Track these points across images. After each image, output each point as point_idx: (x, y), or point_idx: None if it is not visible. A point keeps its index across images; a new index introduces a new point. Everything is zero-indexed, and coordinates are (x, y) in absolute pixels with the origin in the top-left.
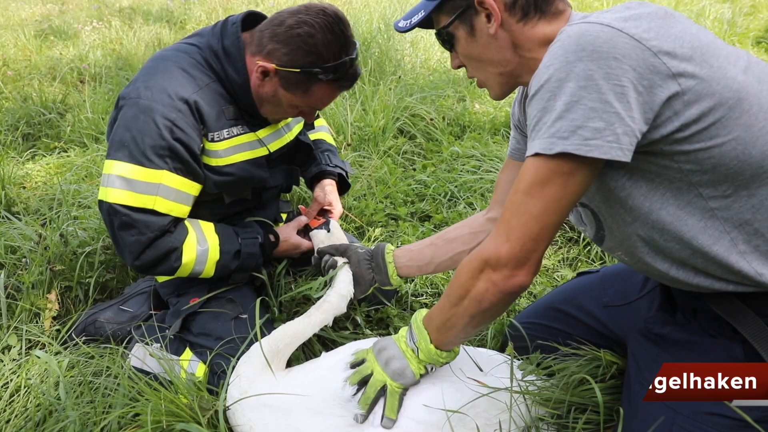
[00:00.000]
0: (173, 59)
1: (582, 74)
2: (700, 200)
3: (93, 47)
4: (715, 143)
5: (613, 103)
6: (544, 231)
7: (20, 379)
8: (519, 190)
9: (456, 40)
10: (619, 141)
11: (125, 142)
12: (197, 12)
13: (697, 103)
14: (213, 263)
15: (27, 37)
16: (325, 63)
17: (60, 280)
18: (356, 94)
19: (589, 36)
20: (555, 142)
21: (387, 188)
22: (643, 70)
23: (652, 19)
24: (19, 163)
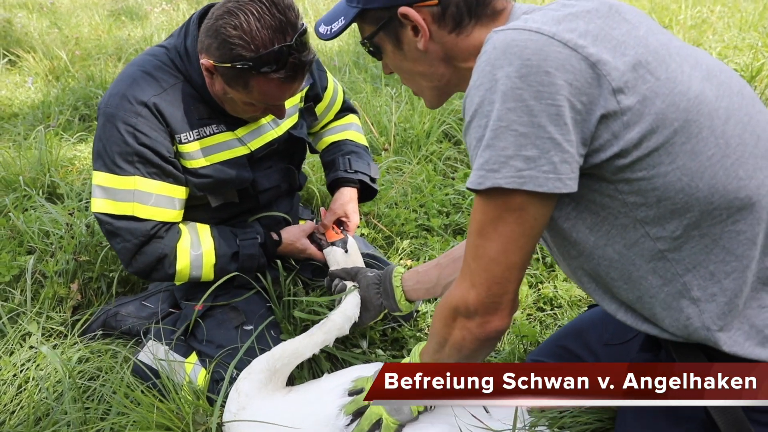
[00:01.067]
0: (139, 63)
1: (510, 94)
2: (647, 240)
3: (159, 29)
4: (658, 172)
5: (546, 127)
6: (509, 272)
7: (30, 372)
8: (472, 231)
9: (383, 52)
10: (557, 170)
11: (99, 151)
12: None
13: (637, 125)
14: (210, 267)
15: (101, 16)
16: (254, 54)
17: (84, 270)
18: (403, 94)
19: (516, 47)
20: (485, 176)
21: (422, 196)
22: (581, 84)
23: (591, 19)
24: (70, 145)
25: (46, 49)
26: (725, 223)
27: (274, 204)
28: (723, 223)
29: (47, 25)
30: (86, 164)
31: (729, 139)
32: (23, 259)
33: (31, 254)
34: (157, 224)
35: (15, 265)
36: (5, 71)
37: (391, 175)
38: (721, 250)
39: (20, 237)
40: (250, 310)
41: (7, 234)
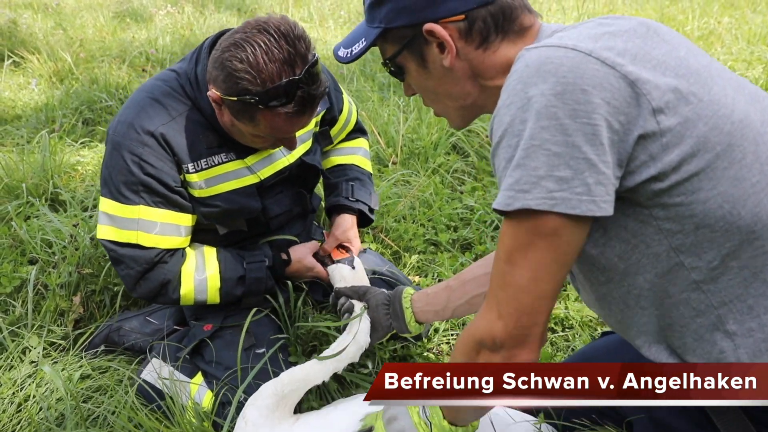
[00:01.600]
0: (148, 90)
1: (544, 112)
2: (682, 270)
3: (163, 32)
4: (698, 198)
5: (582, 147)
6: (539, 302)
7: (30, 389)
8: (500, 258)
9: (406, 72)
10: (591, 192)
11: (105, 178)
12: (269, 2)
13: (677, 147)
14: (215, 291)
15: (105, 18)
16: (262, 88)
17: (86, 283)
18: (411, 104)
19: (551, 64)
20: (514, 197)
21: (430, 211)
22: (619, 103)
23: (629, 38)
24: (73, 150)
25: (50, 51)
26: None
27: (286, 227)
28: (765, 255)
29: (52, 26)
30: (89, 170)
31: None
32: (24, 269)
33: (33, 264)
34: (162, 251)
35: (16, 276)
36: (9, 72)
37: (399, 188)
38: (761, 284)
39: (22, 246)
40: (259, 332)
41: (8, 243)
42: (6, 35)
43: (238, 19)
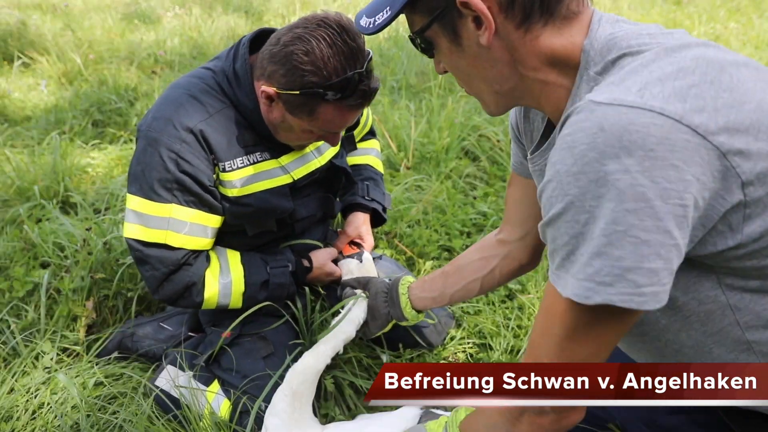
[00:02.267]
0: (185, 86)
1: (630, 192)
2: (736, 329)
3: (172, 34)
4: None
5: (672, 232)
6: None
7: (44, 397)
8: (556, 333)
9: (436, 48)
10: (671, 281)
11: (137, 175)
12: (276, 4)
13: (760, 218)
14: (238, 295)
15: (114, 19)
16: (327, 81)
17: (99, 288)
18: (422, 108)
19: (636, 133)
20: (594, 289)
21: (444, 216)
22: (707, 179)
23: (716, 90)
24: (84, 152)
25: (59, 52)
26: None
27: (307, 232)
28: None
29: (60, 27)
30: (99, 173)
31: None
32: (37, 273)
33: (45, 268)
34: (188, 253)
35: (29, 280)
36: (18, 73)
37: (411, 193)
38: None
39: (34, 250)
40: (278, 341)
41: (20, 246)
42: (15, 36)
43: (245, 21)
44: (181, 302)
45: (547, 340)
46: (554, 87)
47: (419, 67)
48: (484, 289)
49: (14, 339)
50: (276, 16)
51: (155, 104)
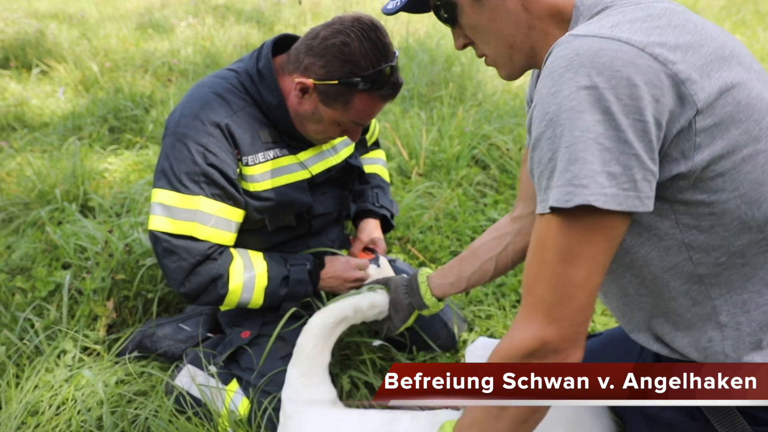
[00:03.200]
0: (209, 85)
1: (597, 104)
2: (688, 264)
3: (185, 43)
4: (719, 198)
5: (632, 143)
6: (591, 297)
7: (68, 393)
8: (549, 259)
9: (459, 10)
10: (638, 189)
11: (165, 170)
12: (287, 15)
13: (708, 148)
14: (261, 290)
15: (128, 28)
16: (364, 71)
17: (120, 288)
18: (433, 117)
19: (606, 56)
20: (573, 192)
21: (455, 223)
22: (667, 100)
23: (680, 33)
24: (101, 157)
25: (76, 60)
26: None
27: (324, 231)
28: (767, 254)
29: (77, 36)
30: (117, 177)
31: None
32: (59, 274)
33: (66, 269)
34: (213, 246)
35: (51, 280)
36: (36, 80)
37: (423, 200)
38: (759, 280)
39: (55, 252)
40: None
41: (42, 247)
42: (33, 45)
43: (257, 31)
44: (204, 297)
45: (542, 271)
46: (552, 39)
47: (429, 77)
48: (499, 268)
49: (37, 338)
50: (287, 26)
51: (182, 102)
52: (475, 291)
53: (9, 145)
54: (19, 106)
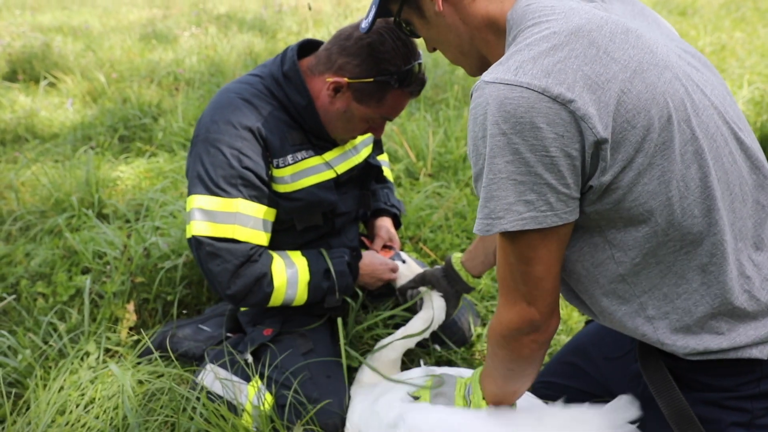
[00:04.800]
0: (236, 91)
1: (507, 148)
2: (611, 263)
3: (189, 53)
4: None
5: (543, 175)
6: (556, 280)
7: (95, 392)
8: (512, 263)
9: (414, 26)
10: (554, 208)
11: (201, 176)
12: (288, 22)
13: (611, 169)
14: (305, 285)
15: (132, 40)
16: (397, 69)
17: (139, 291)
18: (439, 119)
19: (510, 105)
20: (491, 224)
21: (465, 222)
22: (571, 134)
23: (581, 63)
24: (113, 166)
25: (83, 71)
26: (678, 252)
27: (344, 230)
28: (676, 253)
29: (82, 48)
30: (129, 185)
31: (689, 182)
32: (78, 279)
33: (86, 274)
34: (254, 247)
35: (72, 284)
36: (44, 92)
37: (432, 200)
38: (673, 275)
39: (74, 257)
40: (317, 339)
41: (60, 254)
42: (40, 58)
43: (260, 40)
44: (250, 297)
45: (510, 270)
46: (494, 47)
47: (434, 81)
48: None
49: (61, 341)
50: (290, 33)
51: (209, 109)
52: (487, 287)
53: (22, 156)
54: (29, 118)
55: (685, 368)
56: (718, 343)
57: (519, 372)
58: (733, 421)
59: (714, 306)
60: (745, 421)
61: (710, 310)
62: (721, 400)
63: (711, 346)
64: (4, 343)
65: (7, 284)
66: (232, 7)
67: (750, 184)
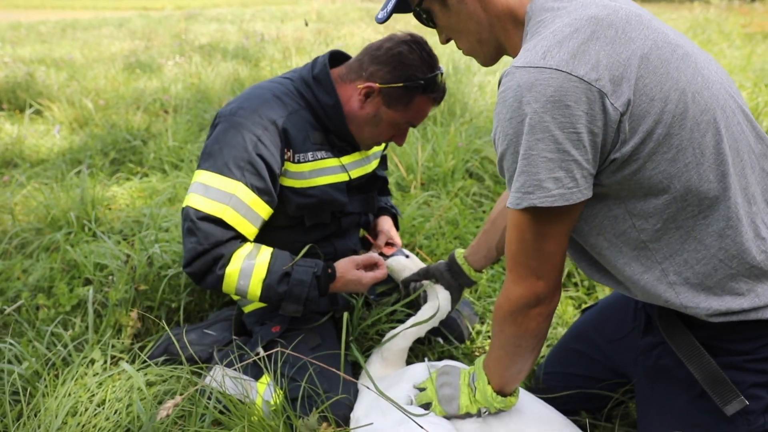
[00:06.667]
0: (268, 87)
1: (538, 126)
2: (633, 231)
3: (174, 81)
4: (644, 175)
5: (570, 152)
6: (563, 256)
7: (105, 393)
8: (528, 239)
9: (434, 15)
10: (579, 185)
11: (213, 152)
12: (271, 51)
13: (632, 140)
14: (259, 280)
15: (116, 70)
16: (424, 75)
17: (143, 299)
18: (427, 134)
19: (540, 86)
20: (522, 198)
21: (457, 229)
22: (596, 112)
23: (601, 45)
24: (106, 186)
25: (68, 99)
26: (697, 218)
27: (348, 234)
28: (695, 218)
29: (65, 78)
30: (123, 204)
31: (704, 149)
32: (80, 290)
33: (87, 286)
34: (233, 235)
35: (74, 295)
36: (30, 120)
37: (425, 209)
38: (693, 240)
39: (73, 271)
40: (324, 334)
41: (60, 267)
42: (24, 87)
43: (244, 67)
44: (208, 277)
45: (523, 246)
46: (512, 35)
47: None
48: None
49: (65, 349)
50: (273, 61)
51: (239, 97)
52: (484, 287)
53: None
54: (16, 144)
55: (706, 336)
56: (739, 304)
57: (526, 348)
58: (753, 382)
59: (733, 267)
60: (764, 382)
61: (729, 271)
62: (742, 363)
63: (732, 306)
64: (8, 351)
65: (7, 298)
66: (214, 38)
67: (756, 153)
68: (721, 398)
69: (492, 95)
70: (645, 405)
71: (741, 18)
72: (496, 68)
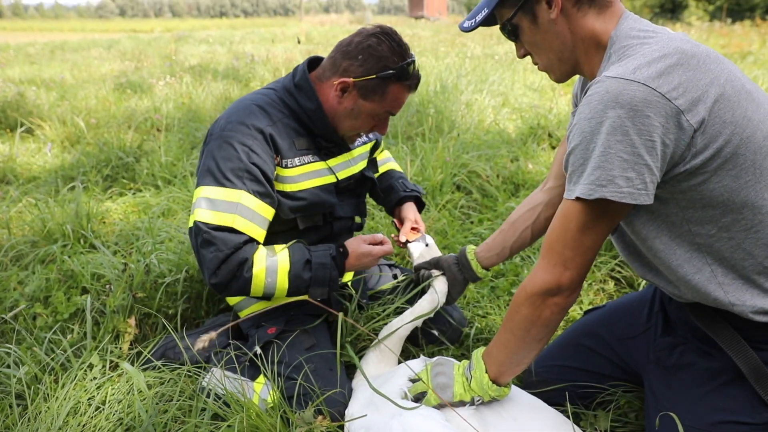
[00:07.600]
0: (251, 99)
1: (619, 129)
2: (689, 235)
3: (165, 100)
4: (707, 187)
5: (644, 156)
6: (595, 254)
7: (104, 395)
8: (572, 228)
9: (520, 31)
10: (647, 188)
11: (210, 168)
12: (261, 71)
13: (702, 155)
14: (285, 273)
15: (107, 90)
16: (395, 65)
17: (140, 306)
18: (416, 149)
19: (627, 95)
20: (595, 189)
21: (445, 239)
22: (670, 126)
23: (684, 71)
24: (100, 201)
25: (60, 118)
26: (749, 231)
27: (341, 238)
28: (747, 231)
29: (56, 98)
30: (117, 218)
31: (764, 171)
32: (78, 298)
33: (84, 295)
34: (247, 239)
35: (71, 303)
36: (21, 139)
37: None
38: (742, 251)
39: (70, 281)
40: (318, 336)
41: (57, 278)
42: (14, 107)
43: (235, 87)
44: (233, 284)
45: (564, 236)
46: (592, 57)
47: (407, 118)
48: (535, 234)
49: (64, 354)
50: (263, 81)
51: (226, 112)
52: (472, 293)
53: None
54: (7, 162)
55: (744, 336)
56: None
57: (534, 336)
58: None
59: None
60: None
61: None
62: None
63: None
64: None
65: (5, 307)
66: (204, 59)
67: None
68: (764, 389)
69: (478, 113)
70: (661, 394)
71: (721, 39)
72: (481, 87)
